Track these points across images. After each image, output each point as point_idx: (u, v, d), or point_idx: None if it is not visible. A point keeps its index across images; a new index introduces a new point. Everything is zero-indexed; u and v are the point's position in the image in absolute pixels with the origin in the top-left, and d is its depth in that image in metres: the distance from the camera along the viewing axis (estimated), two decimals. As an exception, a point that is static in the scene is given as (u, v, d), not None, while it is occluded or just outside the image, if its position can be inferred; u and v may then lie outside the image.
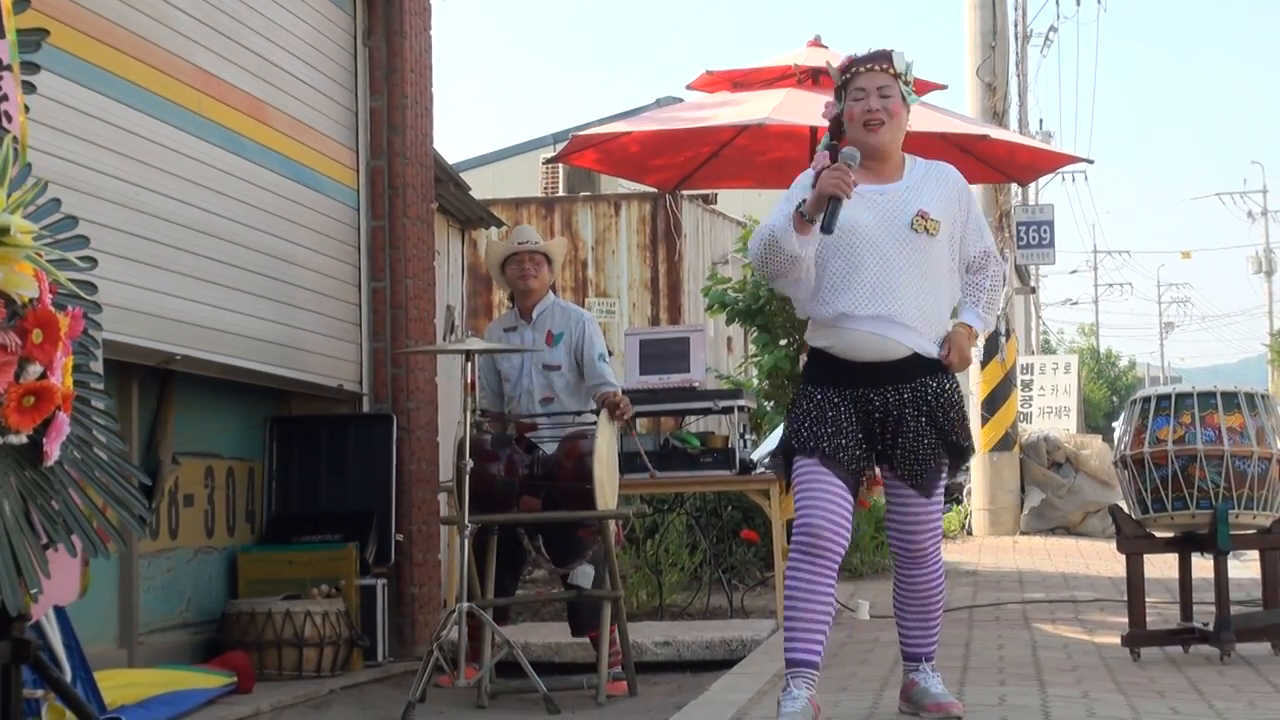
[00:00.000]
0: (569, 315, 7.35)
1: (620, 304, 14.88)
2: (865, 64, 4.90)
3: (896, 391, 4.82)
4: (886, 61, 4.89)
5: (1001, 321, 15.53)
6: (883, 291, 4.77)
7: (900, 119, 4.89)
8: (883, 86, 4.86)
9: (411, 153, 8.22)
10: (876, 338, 4.79)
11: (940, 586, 4.98)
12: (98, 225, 5.47)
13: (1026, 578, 11.31)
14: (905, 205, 4.84)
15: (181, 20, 6.46)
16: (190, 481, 7.00)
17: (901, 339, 4.80)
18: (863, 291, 4.78)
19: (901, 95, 4.89)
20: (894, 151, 4.93)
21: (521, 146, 22.04)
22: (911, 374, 4.83)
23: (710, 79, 9.78)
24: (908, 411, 4.82)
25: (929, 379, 4.86)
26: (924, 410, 4.83)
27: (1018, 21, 25.76)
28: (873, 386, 4.82)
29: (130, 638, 6.37)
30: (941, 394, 4.86)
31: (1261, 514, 6.47)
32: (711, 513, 10.21)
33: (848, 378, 4.84)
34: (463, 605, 6.20)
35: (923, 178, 4.92)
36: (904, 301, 4.78)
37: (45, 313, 3.94)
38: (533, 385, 7.30)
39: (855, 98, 4.89)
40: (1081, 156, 12.54)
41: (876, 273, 4.78)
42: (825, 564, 4.72)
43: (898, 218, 4.82)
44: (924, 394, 4.84)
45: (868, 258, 4.78)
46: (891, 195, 4.85)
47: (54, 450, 3.97)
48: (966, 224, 4.96)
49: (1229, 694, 5.53)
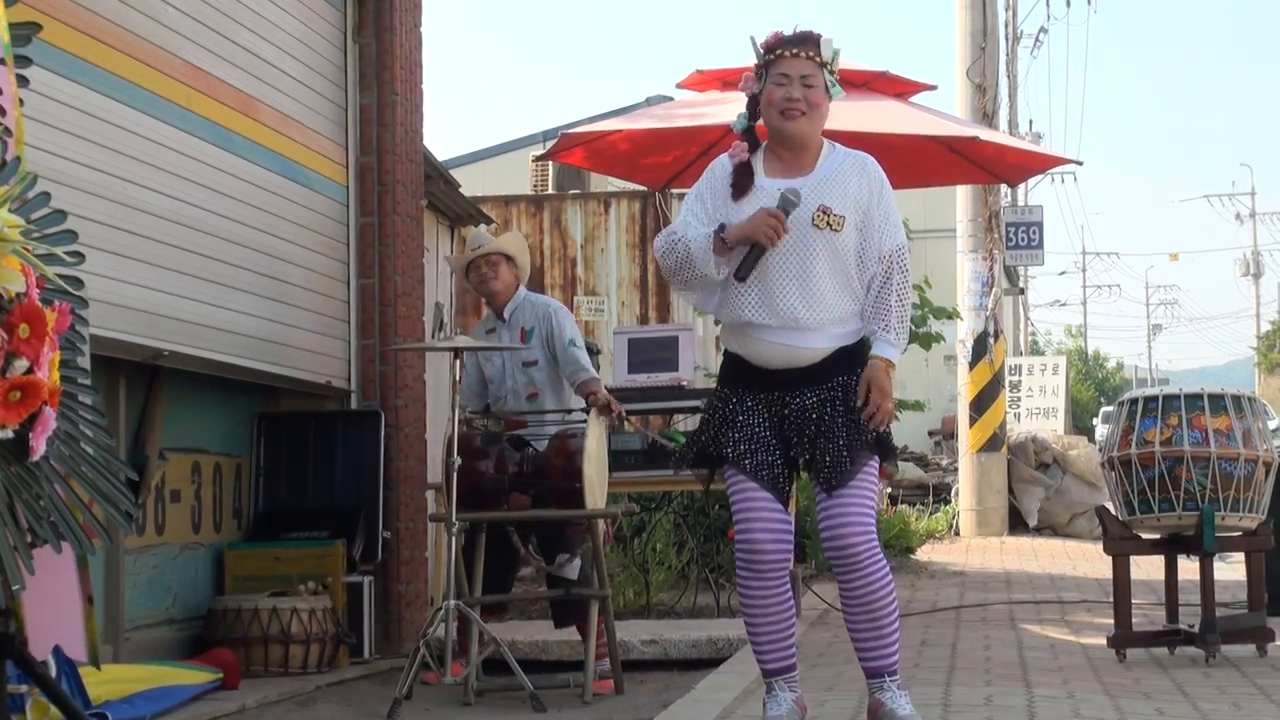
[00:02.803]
0: (537, 308, 7.35)
1: (609, 302, 14.88)
2: (791, 48, 4.67)
3: (813, 393, 4.62)
4: (814, 48, 4.67)
5: (990, 322, 15.54)
6: (787, 299, 4.58)
7: (821, 110, 4.66)
8: (807, 75, 4.64)
9: (401, 149, 8.21)
10: (783, 347, 4.62)
11: (886, 592, 4.58)
12: (86, 220, 5.46)
13: (1013, 578, 11.32)
14: (809, 202, 4.62)
15: (172, 16, 6.45)
16: (177, 477, 6.99)
17: (810, 344, 4.62)
18: (766, 300, 4.60)
19: (825, 86, 4.66)
20: (810, 142, 4.69)
21: (511, 144, 22.06)
22: (825, 375, 4.64)
23: (700, 78, 9.78)
24: (826, 411, 4.60)
25: (846, 377, 4.63)
26: (840, 409, 4.61)
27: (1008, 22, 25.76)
28: (785, 390, 4.64)
29: (116, 633, 6.36)
30: (858, 389, 4.62)
31: (1247, 516, 6.49)
32: (699, 511, 10.20)
33: (760, 382, 4.67)
34: (450, 603, 6.20)
35: (836, 169, 4.68)
36: (810, 307, 4.59)
37: (32, 307, 3.94)
38: (516, 384, 7.30)
39: (777, 82, 4.65)
40: (1070, 158, 12.58)
41: (780, 279, 4.59)
42: (772, 576, 4.60)
43: (800, 218, 4.60)
44: (842, 392, 4.61)
45: (771, 263, 4.59)
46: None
47: (40, 445, 3.97)
48: (875, 217, 4.66)
49: (1214, 695, 5.54)
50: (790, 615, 4.70)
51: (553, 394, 7.30)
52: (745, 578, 4.64)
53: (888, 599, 4.59)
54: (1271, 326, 54.54)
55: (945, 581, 10.98)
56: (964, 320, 15.35)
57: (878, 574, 4.57)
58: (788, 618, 4.68)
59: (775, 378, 4.66)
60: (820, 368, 4.65)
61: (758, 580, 4.62)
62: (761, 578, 4.61)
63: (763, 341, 4.66)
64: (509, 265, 7.35)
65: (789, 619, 4.69)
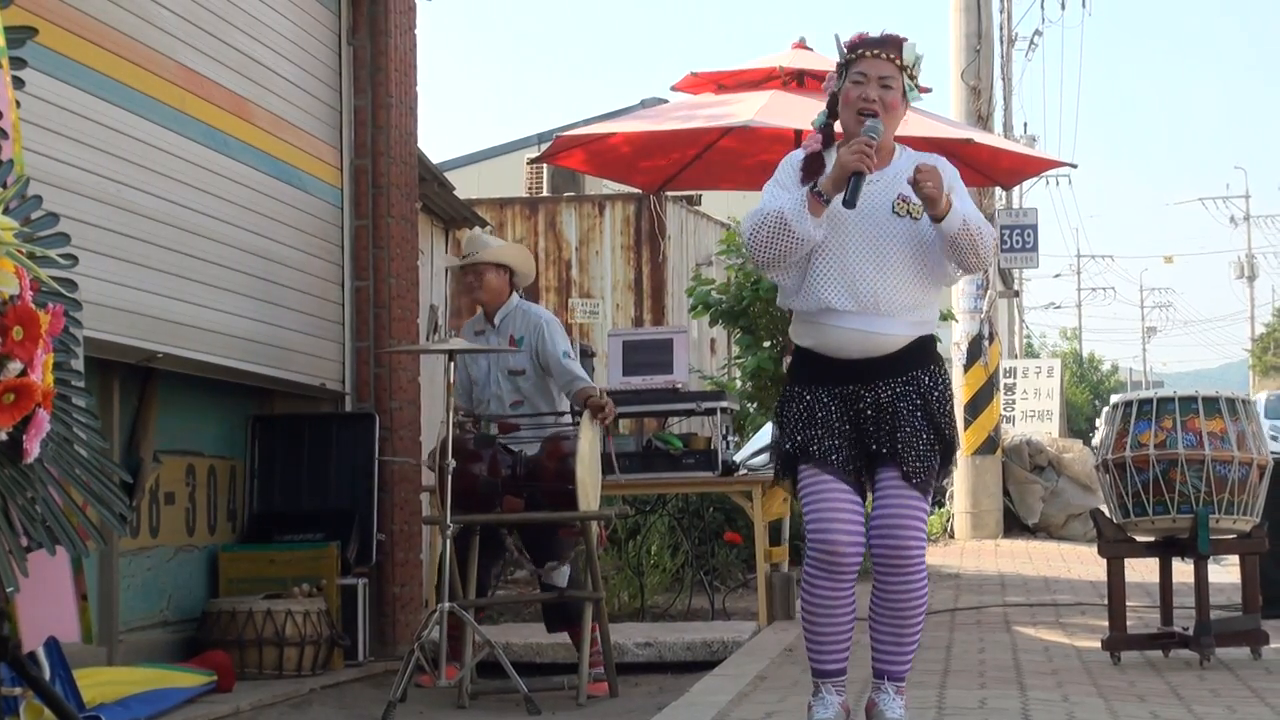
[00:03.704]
0: (529, 319, 7.32)
1: (604, 305, 14.89)
2: (873, 48, 4.66)
3: (889, 386, 4.59)
4: (895, 50, 4.65)
5: (985, 325, 15.56)
6: (867, 283, 4.57)
7: (897, 113, 4.65)
8: (885, 76, 4.63)
9: (396, 151, 8.21)
10: (862, 334, 4.59)
11: (921, 600, 4.57)
12: (79, 222, 5.45)
13: (1008, 581, 11.33)
14: (888, 191, 4.64)
15: (166, 18, 6.45)
16: (171, 480, 6.98)
17: (888, 331, 4.59)
18: (847, 284, 4.57)
19: (903, 89, 4.65)
20: (885, 142, 4.69)
21: (506, 146, 22.04)
22: (903, 367, 4.61)
23: (695, 80, 9.78)
24: (902, 405, 4.57)
25: (920, 372, 4.62)
26: (918, 404, 4.59)
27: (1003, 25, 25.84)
28: (863, 383, 4.61)
29: (110, 636, 6.36)
30: (935, 387, 4.64)
31: (1242, 519, 6.49)
32: (694, 514, 10.21)
33: (835, 376, 4.63)
34: (444, 605, 6.20)
35: (909, 165, 4.67)
36: (890, 291, 4.57)
37: (26, 310, 3.94)
38: (501, 390, 7.28)
39: (855, 80, 4.63)
40: (1065, 161, 12.56)
41: (860, 264, 4.58)
42: (844, 578, 4.55)
43: (880, 205, 4.62)
44: (917, 387, 4.61)
45: (851, 248, 4.58)
46: (875, 184, 4.63)
47: (34, 448, 3.97)
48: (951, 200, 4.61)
49: (1208, 698, 5.54)
50: (850, 621, 4.62)
51: (540, 404, 7.29)
52: (816, 577, 4.56)
53: (920, 608, 4.58)
54: (1266, 329, 54.68)
55: (940, 584, 10.97)
56: (959, 323, 15.36)
57: (920, 582, 4.55)
58: (850, 620, 4.62)
59: (852, 369, 4.62)
60: (897, 359, 4.61)
61: (829, 580, 4.55)
62: (834, 578, 4.55)
63: (841, 329, 4.61)
64: (498, 273, 7.33)
65: (851, 622, 4.63)
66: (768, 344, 10.70)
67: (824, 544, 4.52)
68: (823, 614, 4.58)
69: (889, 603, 4.57)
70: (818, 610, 4.58)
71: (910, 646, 4.62)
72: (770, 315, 10.32)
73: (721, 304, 10.86)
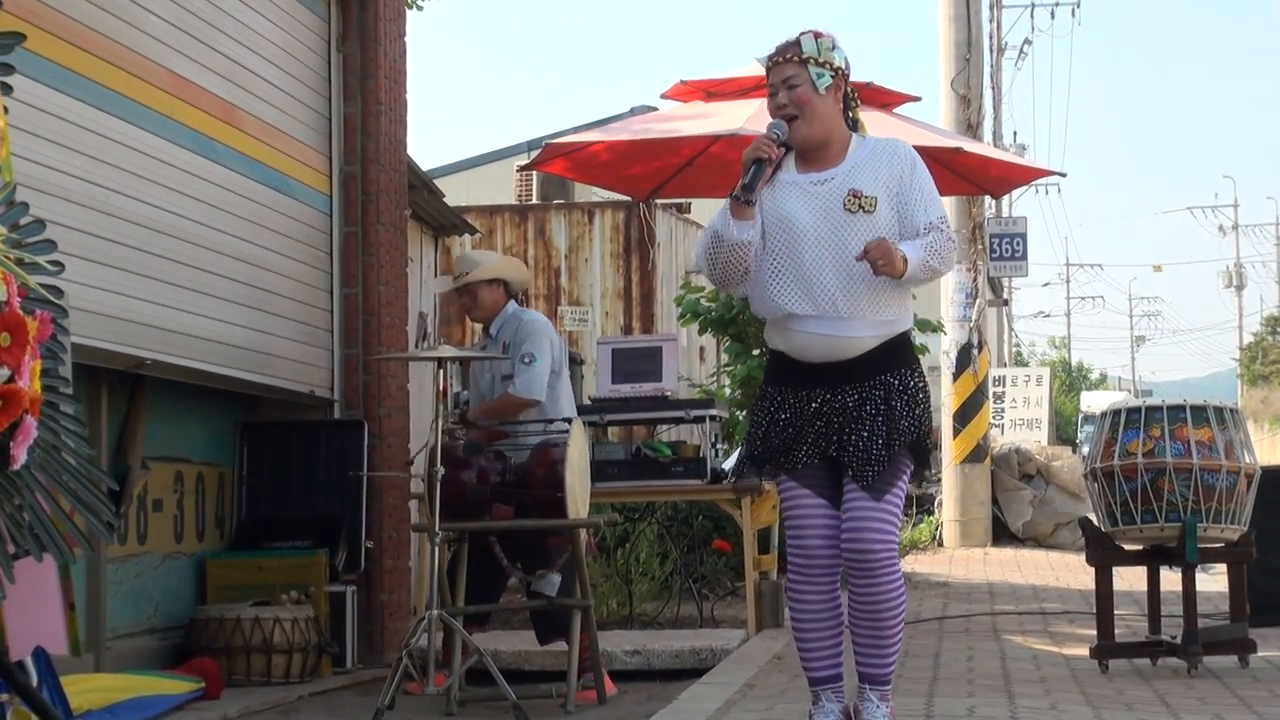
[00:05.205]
0: (520, 324, 7.32)
1: (593, 312, 14.89)
2: (773, 58, 4.68)
3: (855, 390, 4.57)
4: (793, 49, 4.64)
5: (974, 334, 15.57)
6: (824, 286, 4.54)
7: (812, 105, 4.60)
8: (789, 78, 4.63)
9: (385, 159, 8.20)
10: (823, 338, 4.57)
11: (896, 603, 4.55)
12: (67, 229, 5.45)
13: (996, 589, 11.34)
14: (839, 189, 4.60)
15: (153, 24, 6.44)
16: (159, 486, 6.97)
17: (852, 334, 4.56)
18: (804, 288, 4.56)
19: (811, 80, 4.61)
20: (825, 137, 4.65)
21: (496, 154, 22.05)
22: (869, 371, 4.58)
23: (684, 88, 9.79)
24: (866, 410, 4.55)
25: (889, 375, 4.59)
26: (882, 409, 4.57)
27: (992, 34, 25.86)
28: (828, 387, 4.59)
29: (97, 643, 6.34)
30: (905, 391, 4.60)
31: (1229, 528, 6.50)
32: (683, 522, 10.21)
33: (803, 379, 4.63)
34: (432, 613, 6.19)
35: (866, 157, 4.66)
36: (850, 293, 4.54)
37: (13, 316, 3.93)
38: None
39: (769, 94, 4.69)
40: (1054, 170, 12.60)
41: (816, 266, 4.54)
42: (820, 579, 4.61)
43: (832, 204, 4.59)
44: (885, 391, 4.57)
45: (806, 252, 4.56)
46: (829, 183, 4.62)
47: (21, 454, 3.96)
48: (910, 194, 4.63)
49: (1196, 706, 5.55)
50: (840, 622, 4.65)
51: (542, 408, 7.28)
52: (796, 581, 4.64)
53: (895, 611, 4.57)
54: (1254, 338, 54.72)
55: (928, 592, 10.98)
56: (948, 332, 15.36)
57: (891, 583, 4.53)
58: (838, 624, 4.65)
59: (818, 372, 4.62)
60: (863, 363, 4.60)
61: (809, 584, 4.62)
62: (813, 581, 4.62)
63: (804, 333, 4.61)
64: (490, 288, 7.34)
65: (839, 626, 4.65)
66: (757, 352, 10.70)
67: (797, 548, 4.64)
68: (808, 618, 4.64)
69: (862, 606, 4.58)
70: (804, 614, 4.65)
71: (890, 649, 4.61)
72: (759, 324, 10.31)
73: (711, 312, 10.87)
